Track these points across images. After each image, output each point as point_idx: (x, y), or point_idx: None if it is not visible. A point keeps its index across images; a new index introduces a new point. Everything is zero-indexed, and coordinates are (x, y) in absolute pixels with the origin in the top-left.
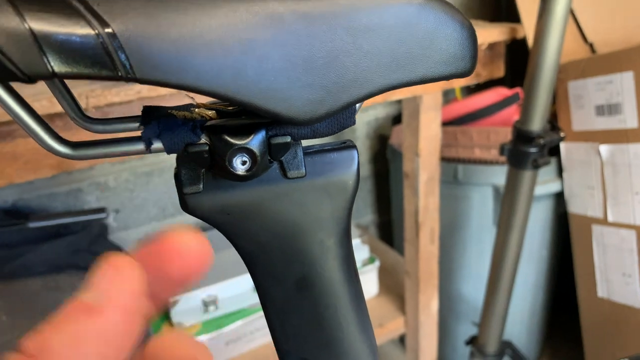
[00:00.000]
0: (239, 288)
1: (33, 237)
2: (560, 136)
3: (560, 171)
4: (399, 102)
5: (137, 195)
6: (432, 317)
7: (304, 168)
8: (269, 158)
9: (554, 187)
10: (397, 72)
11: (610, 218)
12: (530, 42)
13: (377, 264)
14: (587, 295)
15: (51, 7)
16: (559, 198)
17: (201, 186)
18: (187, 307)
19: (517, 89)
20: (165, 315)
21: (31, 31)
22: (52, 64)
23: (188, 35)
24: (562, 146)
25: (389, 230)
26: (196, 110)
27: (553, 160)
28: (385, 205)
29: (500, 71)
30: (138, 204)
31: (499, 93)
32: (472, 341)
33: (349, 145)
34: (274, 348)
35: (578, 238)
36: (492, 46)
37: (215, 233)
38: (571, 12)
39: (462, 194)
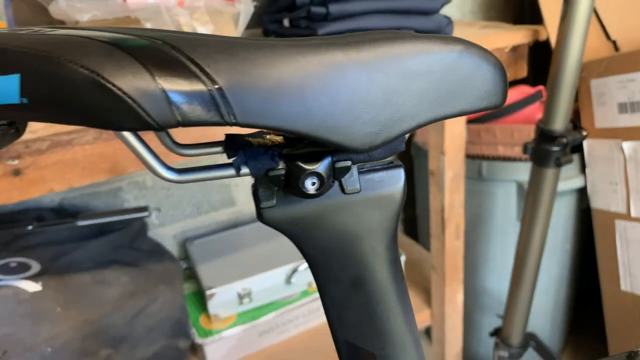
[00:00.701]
0: (272, 281)
1: (79, 235)
2: (583, 135)
3: (583, 167)
4: None
5: (173, 193)
6: (457, 309)
7: (358, 185)
8: (332, 179)
9: (577, 182)
10: (440, 108)
11: (633, 213)
12: (553, 42)
13: (403, 258)
14: (610, 288)
15: (175, 70)
16: (582, 194)
17: (274, 201)
18: (223, 300)
19: (540, 87)
20: (203, 308)
21: (163, 90)
22: (178, 115)
23: (274, 87)
24: (585, 143)
25: (414, 225)
26: (267, 137)
27: (576, 156)
28: (409, 200)
29: (523, 72)
30: (174, 201)
31: (522, 91)
32: (497, 333)
33: (396, 165)
34: (305, 339)
35: (601, 233)
36: (515, 48)
37: (242, 231)
38: (594, 10)
39: (486, 190)
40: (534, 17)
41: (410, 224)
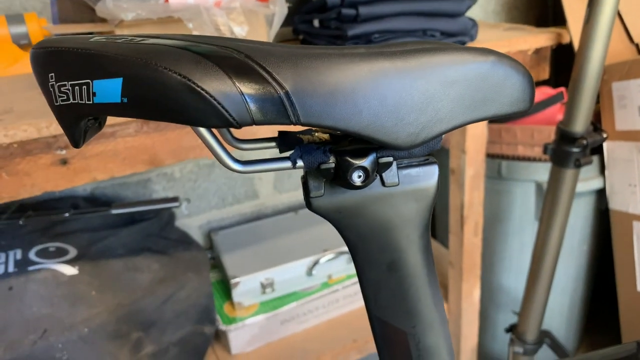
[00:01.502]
0: (293, 273)
1: (112, 223)
2: (603, 137)
3: (602, 169)
4: None
5: (199, 185)
6: (474, 305)
7: (397, 179)
8: (375, 172)
9: (595, 184)
10: (475, 112)
11: None
12: (575, 44)
13: None
14: (626, 289)
15: (251, 76)
16: (601, 195)
17: (322, 192)
18: (246, 289)
19: (561, 89)
20: (227, 296)
21: (241, 93)
22: (253, 115)
23: (331, 92)
24: (605, 145)
25: (432, 221)
26: (315, 134)
27: (596, 158)
28: None
29: (545, 73)
30: (200, 193)
31: (543, 92)
32: (512, 329)
33: (431, 162)
34: (324, 329)
35: (619, 234)
36: (538, 51)
37: (264, 223)
38: (617, 13)
39: (505, 189)
40: (556, 17)
41: None
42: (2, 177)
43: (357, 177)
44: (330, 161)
